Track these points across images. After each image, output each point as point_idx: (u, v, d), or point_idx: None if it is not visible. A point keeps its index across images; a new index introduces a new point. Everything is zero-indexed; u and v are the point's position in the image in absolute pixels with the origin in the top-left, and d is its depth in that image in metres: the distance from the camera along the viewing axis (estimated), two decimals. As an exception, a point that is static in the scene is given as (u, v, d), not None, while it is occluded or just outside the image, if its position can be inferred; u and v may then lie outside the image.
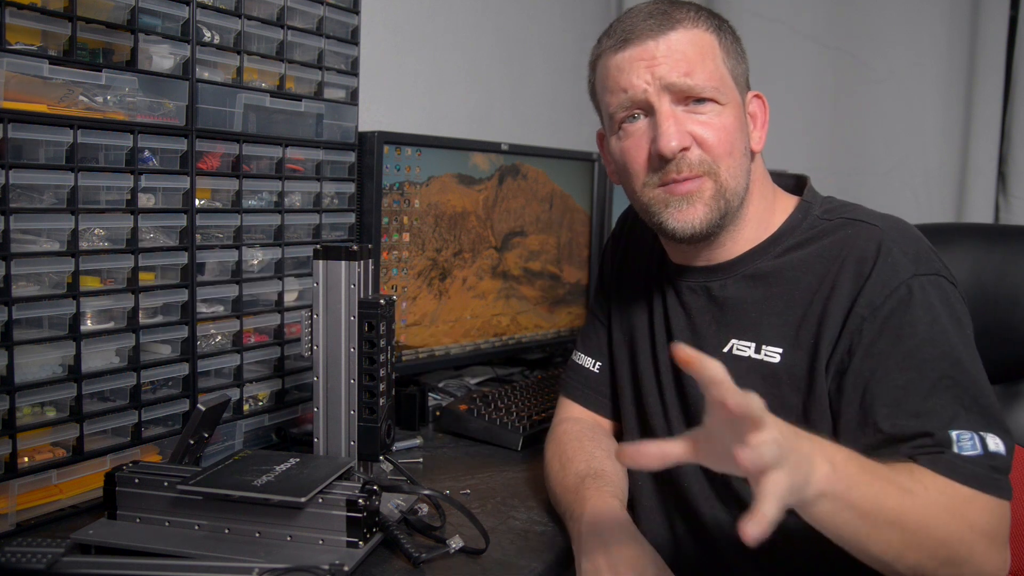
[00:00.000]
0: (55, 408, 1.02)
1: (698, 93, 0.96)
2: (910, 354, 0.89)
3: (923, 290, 0.91)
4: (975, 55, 2.02)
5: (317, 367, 1.05)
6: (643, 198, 1.01)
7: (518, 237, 1.76)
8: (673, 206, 0.99)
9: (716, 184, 0.98)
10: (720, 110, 0.98)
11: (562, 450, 1.13)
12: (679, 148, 0.96)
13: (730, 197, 0.99)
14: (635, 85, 0.97)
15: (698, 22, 0.99)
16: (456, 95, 2.00)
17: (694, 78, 0.96)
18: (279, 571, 0.84)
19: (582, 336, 1.28)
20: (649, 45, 0.97)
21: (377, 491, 0.94)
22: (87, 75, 1.01)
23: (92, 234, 1.04)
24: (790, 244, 1.01)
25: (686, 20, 0.98)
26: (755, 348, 1.00)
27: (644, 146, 0.99)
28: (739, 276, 1.03)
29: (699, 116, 0.97)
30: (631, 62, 0.98)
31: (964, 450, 0.84)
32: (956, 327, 0.90)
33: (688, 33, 0.98)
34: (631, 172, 1.01)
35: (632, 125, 1.00)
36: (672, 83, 0.96)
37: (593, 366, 1.22)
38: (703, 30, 0.99)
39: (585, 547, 0.93)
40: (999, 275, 1.32)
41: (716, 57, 0.99)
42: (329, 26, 1.32)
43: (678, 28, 0.97)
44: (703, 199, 0.98)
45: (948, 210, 2.09)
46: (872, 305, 0.91)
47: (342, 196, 1.38)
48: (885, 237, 0.95)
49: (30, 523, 0.99)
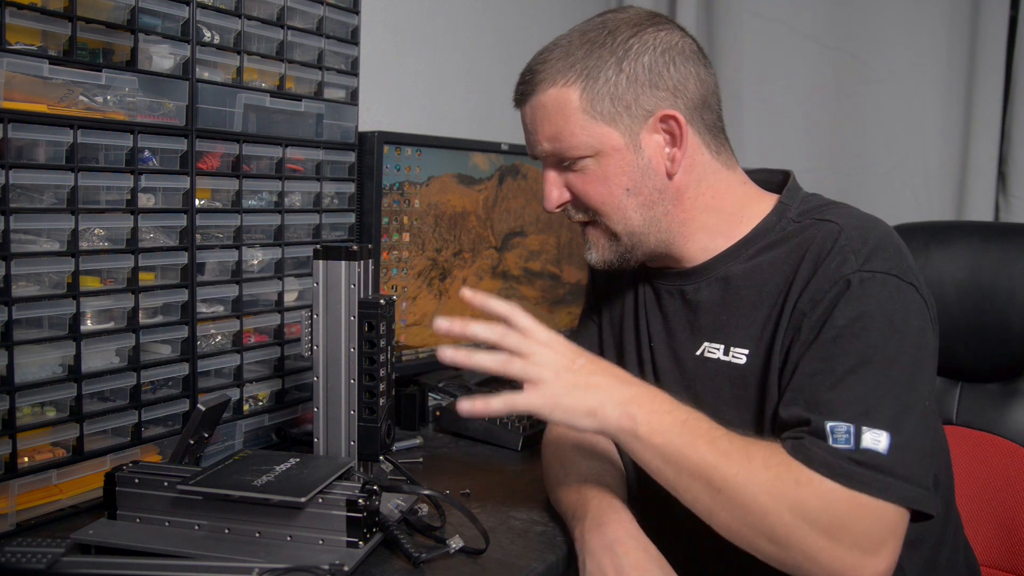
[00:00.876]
0: (55, 408, 1.02)
1: (566, 156, 1.01)
2: (826, 344, 0.89)
3: (862, 284, 0.89)
4: (975, 55, 2.02)
5: (317, 367, 1.05)
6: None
7: (518, 237, 1.76)
8: (586, 244, 1.08)
9: (606, 232, 1.04)
10: (590, 163, 1.01)
11: (562, 451, 1.13)
12: (554, 207, 1.05)
13: (626, 238, 1.04)
14: (529, 147, 1.07)
15: (556, 77, 1.00)
16: (456, 95, 2.00)
17: (555, 144, 1.01)
18: (279, 571, 0.84)
19: (575, 336, 1.27)
20: (522, 112, 1.06)
21: (377, 491, 0.94)
22: (87, 75, 1.01)
23: (92, 234, 1.04)
24: (761, 246, 1.02)
25: (544, 80, 1.01)
26: (724, 350, 1.01)
27: None
28: (711, 279, 1.04)
29: (575, 173, 1.02)
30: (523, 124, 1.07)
31: (836, 442, 0.82)
32: (884, 327, 0.88)
33: (544, 96, 1.01)
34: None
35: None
36: (543, 151, 1.03)
37: None
38: (561, 86, 0.99)
39: (590, 549, 0.93)
40: (995, 272, 1.32)
41: (576, 112, 0.99)
42: (329, 26, 1.32)
43: (537, 91, 1.02)
44: (597, 246, 1.06)
45: (948, 210, 2.09)
46: (813, 300, 0.92)
47: (342, 196, 1.38)
48: (841, 234, 0.94)
49: (30, 523, 0.99)
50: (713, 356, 1.02)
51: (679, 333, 1.07)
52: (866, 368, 0.86)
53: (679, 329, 1.07)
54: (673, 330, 1.08)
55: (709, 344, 1.03)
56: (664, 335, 1.09)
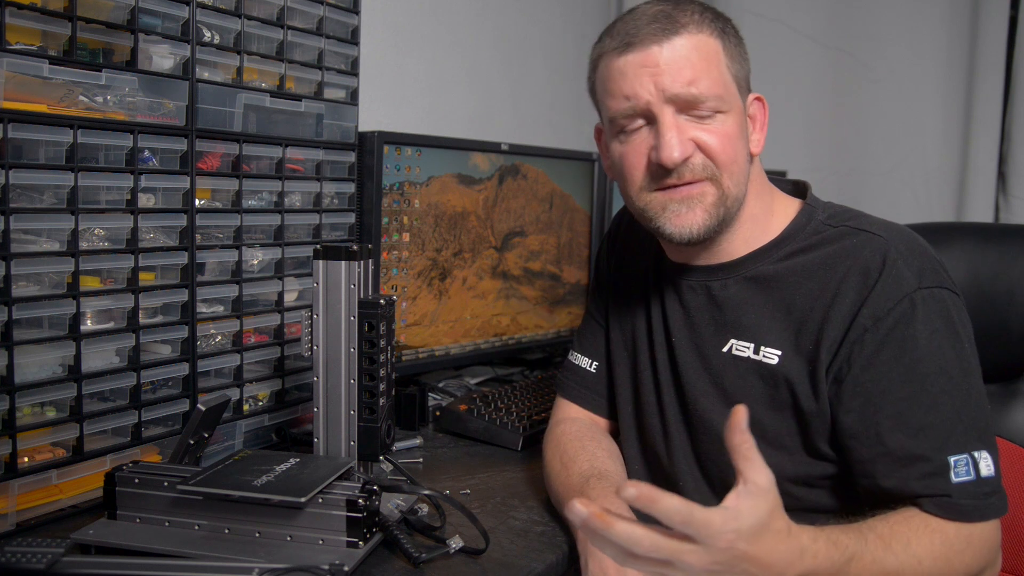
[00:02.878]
0: (55, 408, 1.02)
1: (702, 102, 0.95)
2: (911, 367, 0.91)
3: (925, 304, 0.92)
4: (975, 55, 2.02)
5: (317, 367, 1.05)
6: (639, 202, 1.01)
7: (518, 237, 1.76)
8: (671, 210, 0.98)
9: (718, 190, 0.98)
10: (723, 118, 0.97)
11: (563, 450, 1.13)
12: (681, 159, 0.95)
13: (731, 204, 0.99)
14: (638, 94, 0.95)
15: (702, 26, 0.96)
16: (456, 95, 2.00)
17: (698, 87, 0.94)
18: (279, 571, 0.84)
19: (578, 336, 1.28)
20: (653, 51, 0.94)
21: (377, 491, 0.94)
22: (87, 75, 1.01)
23: (92, 234, 1.04)
24: (793, 249, 1.02)
25: (691, 24, 0.95)
26: (754, 349, 1.01)
27: (644, 152, 0.98)
28: (740, 277, 1.04)
29: (703, 124, 0.96)
30: (635, 68, 0.95)
31: (958, 476, 0.88)
32: (954, 341, 0.92)
33: (692, 39, 0.95)
34: (628, 177, 1.01)
35: (633, 131, 0.99)
36: (676, 94, 0.94)
37: (590, 366, 1.22)
38: (708, 35, 0.96)
39: (592, 549, 0.93)
40: (994, 274, 1.32)
41: (720, 63, 0.97)
42: (329, 26, 1.32)
43: (682, 33, 0.95)
44: (704, 204, 0.98)
45: (948, 210, 2.09)
46: (875, 316, 0.92)
47: (342, 196, 1.38)
48: (890, 248, 0.95)
49: (30, 523, 0.99)
50: (742, 354, 1.01)
51: (703, 329, 1.06)
52: (953, 385, 0.91)
53: (703, 324, 1.06)
54: (696, 325, 1.06)
55: (737, 341, 1.02)
56: (687, 330, 1.07)
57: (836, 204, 1.06)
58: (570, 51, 2.38)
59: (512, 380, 1.75)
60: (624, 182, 1.02)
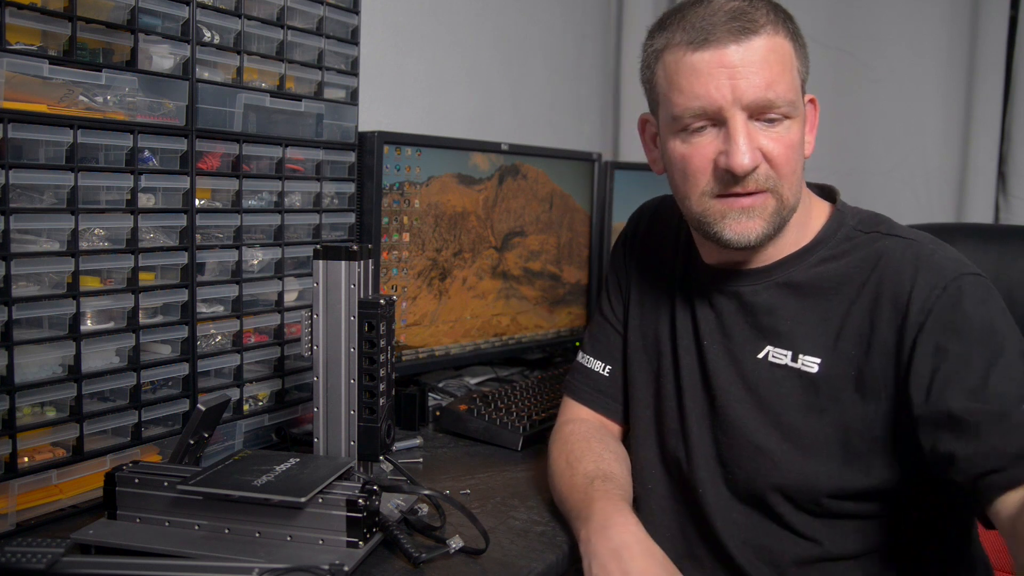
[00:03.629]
0: (55, 408, 1.02)
1: (775, 108, 0.93)
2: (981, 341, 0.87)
3: (972, 287, 0.91)
4: (975, 55, 2.02)
5: (317, 367, 1.05)
6: (697, 207, 0.98)
7: (518, 237, 1.76)
8: (731, 218, 0.96)
9: (778, 201, 0.96)
10: (790, 124, 0.95)
11: (569, 449, 1.12)
12: (752, 167, 0.93)
13: (787, 213, 0.98)
14: (712, 96, 0.92)
15: (778, 27, 0.94)
16: (456, 95, 2.00)
17: (774, 91, 0.92)
18: (279, 571, 0.84)
19: (590, 338, 1.25)
20: (731, 50, 0.91)
21: (377, 491, 0.94)
22: (87, 75, 1.01)
23: (92, 234, 1.04)
24: (825, 255, 1.00)
25: (768, 25, 0.93)
26: (791, 356, 0.99)
27: (709, 156, 0.95)
28: (772, 283, 1.02)
29: (770, 131, 0.94)
30: (710, 67, 0.92)
31: None
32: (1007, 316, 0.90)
33: (770, 40, 0.92)
34: (690, 180, 0.98)
35: (700, 133, 0.95)
36: (753, 101, 0.92)
37: (603, 369, 1.20)
38: (783, 36, 0.94)
39: (595, 553, 0.93)
40: (994, 274, 1.32)
41: (793, 67, 0.95)
42: (329, 26, 1.32)
43: (761, 34, 0.92)
44: (764, 215, 0.96)
45: (948, 210, 2.09)
46: (925, 309, 0.90)
47: (342, 196, 1.38)
48: (922, 248, 0.95)
49: (30, 523, 0.99)
50: (780, 362, 0.99)
51: (736, 334, 1.04)
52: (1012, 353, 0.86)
53: (736, 330, 1.04)
54: (729, 331, 1.04)
55: (774, 349, 1.00)
56: (718, 335, 1.05)
57: (864, 209, 1.05)
58: (570, 51, 2.38)
59: (512, 380, 1.75)
60: (685, 183, 0.99)
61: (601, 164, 1.93)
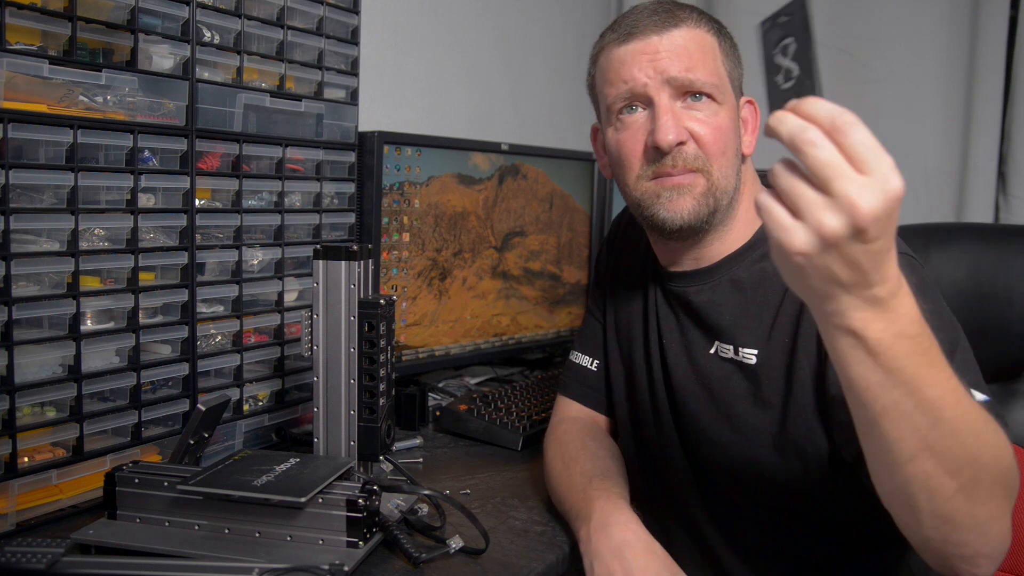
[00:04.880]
0: (55, 408, 1.02)
1: (698, 88, 0.98)
2: None
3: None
4: (975, 55, 2.02)
5: (317, 367, 1.05)
6: (635, 192, 1.03)
7: (518, 237, 1.76)
8: (664, 197, 1.00)
9: (708, 181, 1.00)
10: (716, 108, 1.00)
11: (565, 449, 1.13)
12: (676, 141, 0.97)
13: (719, 195, 1.01)
14: (636, 78, 0.99)
15: (700, 23, 1.02)
16: (456, 95, 2.00)
17: (695, 73, 0.98)
18: (279, 571, 0.84)
19: (580, 335, 1.29)
20: (652, 40, 0.99)
21: (377, 491, 0.94)
22: (87, 75, 1.01)
23: (92, 234, 1.04)
24: (765, 251, 1.00)
25: (689, 20, 1.01)
26: (734, 350, 1.02)
27: (640, 138, 1.01)
28: (717, 282, 1.05)
29: (696, 112, 0.99)
30: (634, 55, 1.00)
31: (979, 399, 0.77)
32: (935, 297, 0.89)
33: (691, 32, 1.00)
34: (625, 164, 1.03)
35: (630, 117, 1.02)
36: (673, 77, 0.98)
37: (591, 364, 1.24)
38: (705, 31, 1.02)
39: (597, 552, 0.93)
40: (994, 274, 1.32)
41: (716, 57, 1.02)
42: (329, 26, 1.32)
43: (681, 26, 1.00)
44: (693, 193, 1.00)
45: (948, 210, 2.09)
46: None
47: (342, 196, 1.38)
48: None
49: (30, 523, 0.99)
50: (726, 356, 1.03)
51: (689, 332, 1.08)
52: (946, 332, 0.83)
53: (689, 329, 1.08)
54: (684, 329, 1.08)
55: (720, 344, 1.04)
56: (677, 333, 1.09)
57: None
58: (570, 51, 2.38)
59: (512, 380, 1.74)
60: (621, 170, 1.04)
61: (601, 164, 1.93)
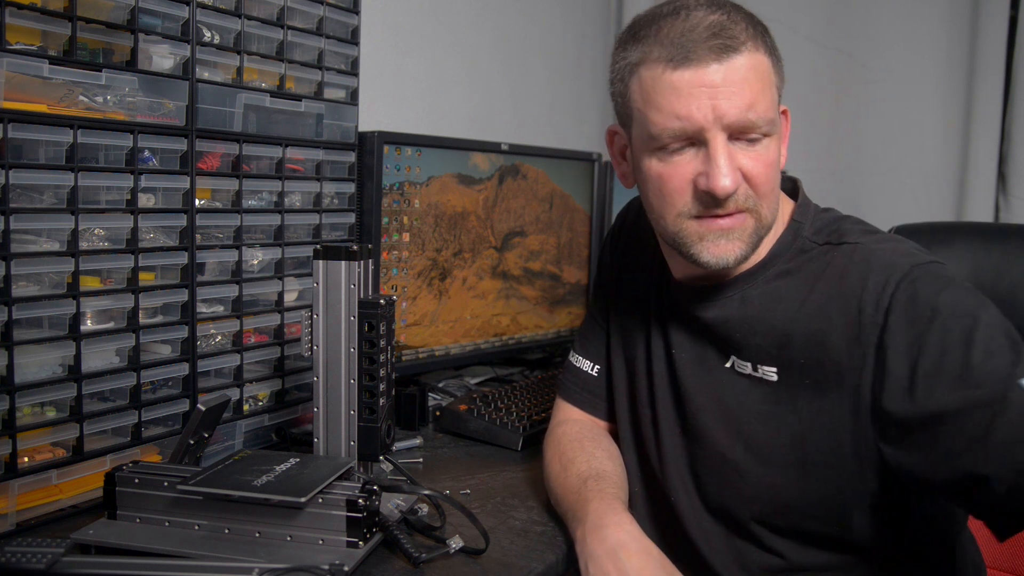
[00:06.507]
0: (55, 408, 1.02)
1: (756, 129, 0.90)
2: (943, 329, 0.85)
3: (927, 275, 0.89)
4: (975, 55, 2.02)
5: (317, 367, 1.05)
6: (673, 227, 0.95)
7: (518, 237, 1.76)
8: (709, 240, 0.94)
9: (756, 221, 0.94)
10: (768, 143, 0.92)
11: (562, 451, 1.13)
12: (733, 189, 0.90)
13: (764, 232, 0.96)
14: (693, 117, 0.88)
15: (758, 42, 0.91)
16: (456, 95, 2.00)
17: (755, 111, 0.89)
18: (279, 571, 0.84)
19: (580, 337, 1.26)
20: (711, 69, 0.88)
21: (377, 491, 0.94)
22: (87, 75, 1.01)
23: (92, 234, 1.04)
24: (780, 270, 0.99)
25: (748, 41, 0.90)
26: (752, 367, 0.98)
27: (688, 176, 0.92)
28: (731, 299, 1.01)
29: (750, 150, 0.91)
30: (690, 87, 0.88)
31: None
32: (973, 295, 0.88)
33: (751, 58, 0.89)
34: (667, 199, 0.95)
35: (676, 151, 0.92)
36: (734, 121, 0.89)
37: (591, 369, 1.21)
38: (763, 53, 0.91)
39: (591, 553, 0.93)
40: (996, 275, 1.32)
41: (771, 84, 0.92)
42: (329, 26, 1.32)
43: (742, 52, 0.88)
44: (743, 236, 0.94)
45: (948, 210, 2.09)
46: (881, 309, 0.88)
47: (342, 196, 1.38)
48: (867, 249, 0.94)
49: (30, 523, 0.99)
50: (743, 371, 0.99)
51: (703, 346, 1.03)
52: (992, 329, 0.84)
53: (703, 342, 1.04)
54: (697, 342, 1.04)
55: (737, 359, 1.00)
56: (688, 344, 1.05)
57: (823, 212, 1.04)
58: (570, 51, 2.38)
59: (512, 380, 1.75)
60: (661, 203, 0.96)
61: (601, 164, 1.93)
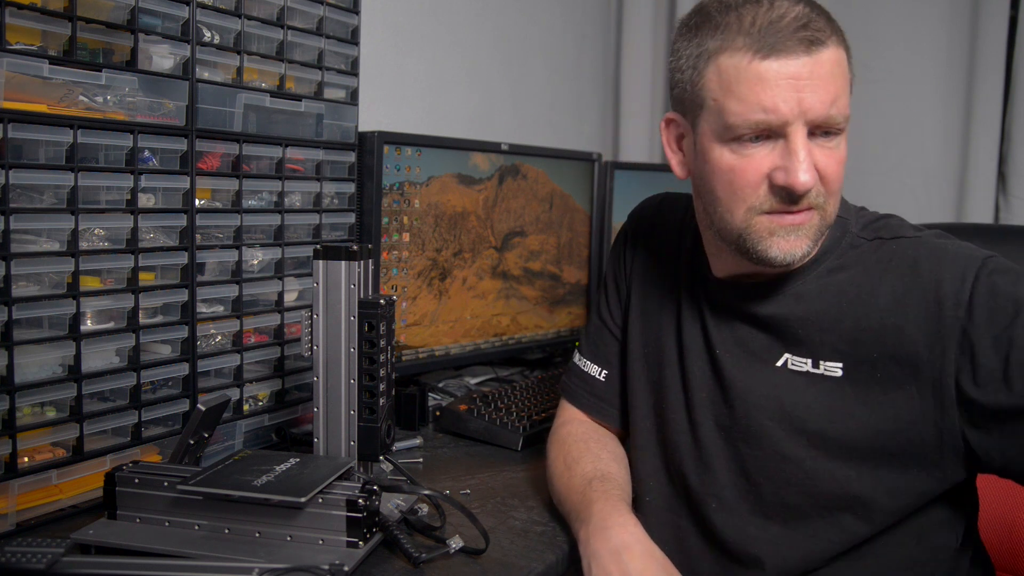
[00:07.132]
0: (55, 408, 1.02)
1: (836, 125, 0.89)
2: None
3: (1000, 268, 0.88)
4: (975, 55, 2.02)
5: (317, 367, 1.05)
6: (742, 222, 0.92)
7: (518, 237, 1.76)
8: (779, 236, 0.91)
9: (821, 218, 0.93)
10: (840, 140, 0.91)
11: (567, 451, 1.12)
12: (812, 185, 0.88)
13: (826, 230, 0.95)
14: (779, 109, 0.86)
15: (839, 36, 0.89)
16: (456, 95, 2.00)
17: (837, 107, 0.88)
18: (279, 571, 0.84)
19: (587, 341, 1.22)
20: (801, 62, 0.86)
21: (377, 491, 0.94)
22: (87, 75, 1.01)
23: (92, 234, 1.04)
24: (832, 266, 0.98)
25: (833, 35, 0.88)
26: (812, 363, 0.96)
27: (763, 171, 0.89)
28: (783, 295, 0.98)
29: (825, 147, 0.90)
30: (777, 78, 0.86)
31: None
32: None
33: (835, 53, 0.88)
34: (738, 193, 0.92)
35: (755, 146, 0.90)
36: (817, 117, 0.87)
37: (599, 374, 1.18)
38: (843, 49, 0.90)
39: (595, 554, 0.92)
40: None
41: (848, 80, 0.91)
42: (329, 26, 1.32)
43: (828, 45, 0.87)
44: (810, 233, 0.92)
45: (948, 210, 2.09)
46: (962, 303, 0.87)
47: (342, 196, 1.38)
48: (933, 244, 0.93)
49: (30, 523, 0.99)
50: (800, 368, 0.96)
51: (753, 344, 1.00)
52: None
53: (752, 341, 1.00)
54: (744, 341, 1.01)
55: (792, 357, 0.97)
56: (733, 345, 1.01)
57: (865, 210, 1.03)
58: (570, 51, 2.38)
59: (512, 380, 1.75)
60: (732, 197, 0.92)
61: (601, 164, 1.93)
